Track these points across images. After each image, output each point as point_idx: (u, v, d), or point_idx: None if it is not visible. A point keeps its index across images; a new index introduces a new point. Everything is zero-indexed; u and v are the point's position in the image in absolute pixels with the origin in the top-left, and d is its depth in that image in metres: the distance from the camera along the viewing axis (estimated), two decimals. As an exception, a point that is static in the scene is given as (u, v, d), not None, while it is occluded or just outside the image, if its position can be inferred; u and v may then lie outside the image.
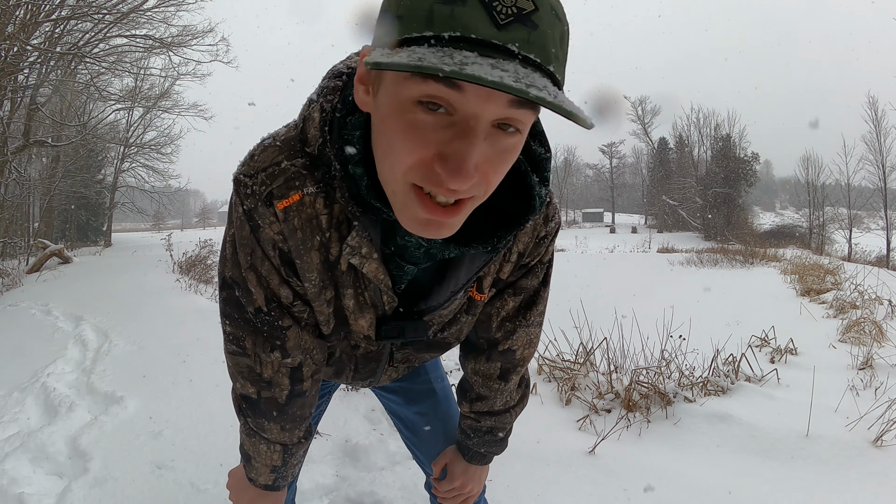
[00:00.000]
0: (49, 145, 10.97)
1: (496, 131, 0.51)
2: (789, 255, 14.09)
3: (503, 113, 0.49)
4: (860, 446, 2.07)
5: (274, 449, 0.87)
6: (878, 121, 27.03)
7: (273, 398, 0.81)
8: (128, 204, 23.89)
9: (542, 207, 0.68)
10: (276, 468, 0.89)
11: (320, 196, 0.65)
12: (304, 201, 0.65)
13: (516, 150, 0.54)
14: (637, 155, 53.12)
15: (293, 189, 0.65)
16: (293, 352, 0.78)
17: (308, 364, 0.80)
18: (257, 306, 0.74)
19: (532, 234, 0.76)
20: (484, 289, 0.79)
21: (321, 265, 0.70)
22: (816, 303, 6.90)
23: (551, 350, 3.10)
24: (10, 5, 7.43)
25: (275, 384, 0.80)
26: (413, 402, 1.11)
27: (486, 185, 0.55)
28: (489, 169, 0.53)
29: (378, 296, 0.74)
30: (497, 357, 0.89)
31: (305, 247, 0.68)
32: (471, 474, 1.03)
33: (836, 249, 26.24)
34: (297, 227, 0.66)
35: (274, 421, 0.84)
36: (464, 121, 0.49)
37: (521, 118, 0.51)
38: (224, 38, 12.53)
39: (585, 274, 9.12)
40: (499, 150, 0.52)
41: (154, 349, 3.57)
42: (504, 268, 0.78)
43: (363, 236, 0.65)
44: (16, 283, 7.88)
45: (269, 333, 0.75)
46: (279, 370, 0.79)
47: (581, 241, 23.39)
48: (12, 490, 1.82)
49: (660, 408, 2.47)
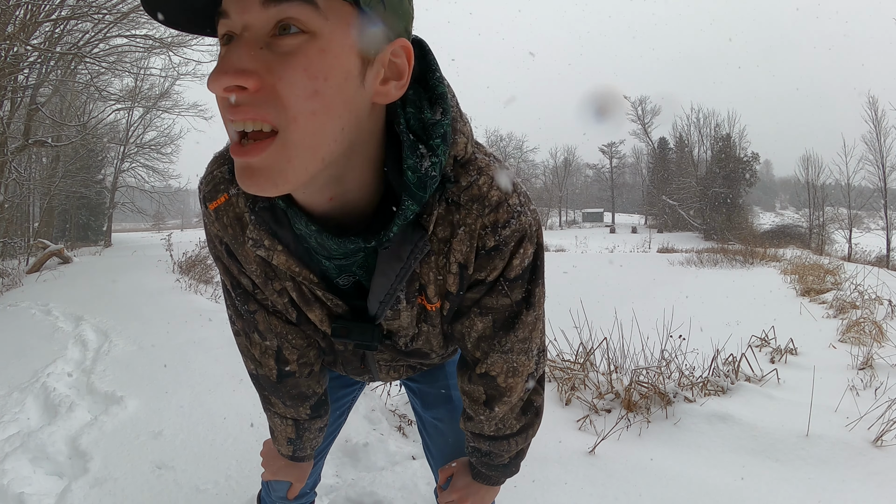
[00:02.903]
0: (49, 145, 10.95)
1: (277, 38, 0.49)
2: (789, 255, 14.09)
3: (268, 16, 0.48)
4: (860, 446, 2.07)
5: (286, 423, 0.93)
6: (878, 121, 27.05)
7: (266, 376, 0.87)
8: (128, 204, 23.89)
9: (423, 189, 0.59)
10: (291, 440, 0.95)
11: (241, 196, 0.69)
12: (230, 202, 0.70)
13: (305, 54, 0.49)
14: (637, 155, 53.12)
15: (219, 192, 0.71)
16: (267, 334, 0.82)
17: (287, 348, 0.84)
18: (231, 292, 0.82)
19: (470, 244, 0.65)
20: (431, 298, 0.71)
21: (259, 258, 0.73)
22: (816, 303, 6.90)
23: (551, 350, 3.09)
24: (10, 5, 7.43)
25: (264, 364, 0.86)
26: (430, 407, 1.10)
27: (283, 103, 0.49)
28: (275, 80, 0.48)
29: (311, 292, 0.73)
30: (477, 380, 0.80)
31: (237, 242, 0.72)
32: (473, 491, 0.97)
33: (836, 249, 26.23)
34: (227, 225, 0.72)
35: (275, 395, 0.90)
36: (236, 38, 0.50)
37: (297, 15, 0.48)
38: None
39: (585, 274, 9.12)
40: (280, 55, 0.48)
41: (154, 349, 3.57)
42: (448, 279, 0.69)
43: (260, 229, 0.66)
44: (16, 283, 7.88)
45: (246, 317, 0.82)
46: (265, 352, 0.85)
47: (581, 241, 23.40)
48: (12, 490, 1.82)
49: (660, 408, 2.47)
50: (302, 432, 0.94)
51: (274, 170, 0.51)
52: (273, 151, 0.50)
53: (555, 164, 55.83)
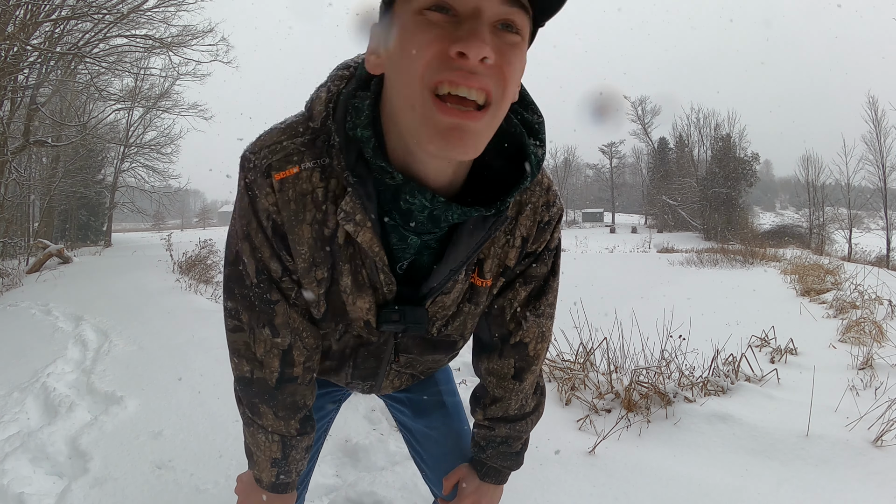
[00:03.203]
0: (49, 145, 10.96)
1: (500, 31, 0.58)
2: (789, 255, 14.08)
3: (500, 10, 0.57)
4: (860, 446, 2.07)
5: (272, 439, 0.86)
6: (878, 121, 27.07)
7: (264, 379, 0.82)
8: (128, 204, 23.88)
9: (538, 169, 0.70)
10: (276, 461, 0.88)
11: (317, 171, 0.69)
12: (300, 175, 0.69)
13: (522, 54, 0.60)
14: (637, 155, 53.16)
15: (291, 163, 0.69)
16: (282, 330, 0.78)
17: (298, 348, 0.81)
18: (250, 280, 0.76)
19: (534, 219, 0.78)
20: (485, 273, 0.80)
21: (313, 241, 0.72)
22: (816, 303, 6.90)
23: (551, 350, 3.10)
24: (10, 5, 7.43)
25: (265, 365, 0.81)
26: (421, 415, 1.07)
27: (504, 83, 0.59)
28: (502, 62, 0.58)
29: (375, 274, 0.74)
30: (510, 353, 0.88)
31: (297, 219, 0.71)
32: (483, 492, 0.97)
33: (836, 249, 26.24)
34: (290, 199, 0.70)
35: (266, 404, 0.83)
36: (468, 16, 0.56)
37: (517, 20, 0.58)
38: (224, 38, 12.50)
39: (585, 274, 9.12)
40: (508, 44, 0.58)
41: (154, 349, 3.57)
42: (510, 254, 0.79)
43: (356, 203, 0.67)
44: (16, 283, 7.88)
45: (261, 308, 0.77)
46: (270, 350, 0.80)
47: (581, 241, 23.38)
48: (12, 490, 1.82)
49: (660, 408, 2.47)
50: (288, 451, 0.87)
51: (482, 136, 0.60)
52: (486, 120, 0.59)
53: (555, 164, 55.82)
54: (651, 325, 3.12)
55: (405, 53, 0.57)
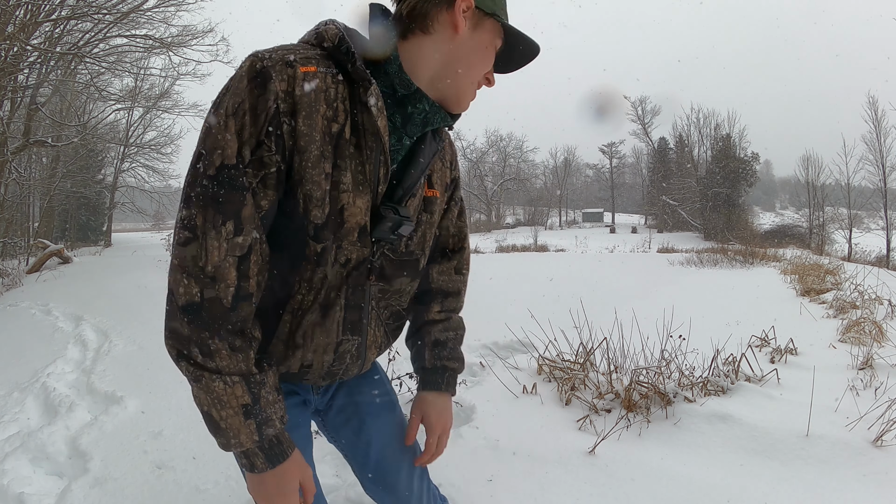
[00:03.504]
0: (49, 145, 10.95)
1: None
2: (789, 255, 14.07)
3: None
4: (860, 446, 2.07)
5: (233, 384, 0.75)
6: (878, 121, 27.04)
7: (217, 299, 0.73)
8: (128, 204, 23.89)
9: None
10: (247, 408, 0.76)
11: (329, 75, 0.78)
12: (318, 74, 0.77)
13: None
14: (637, 155, 53.13)
15: (312, 63, 0.77)
16: (247, 225, 0.73)
17: (257, 252, 0.75)
18: (223, 161, 0.71)
19: (452, 150, 1.06)
20: (434, 184, 0.99)
21: (321, 134, 0.77)
22: (816, 303, 6.89)
23: (551, 350, 3.10)
24: (10, 5, 7.43)
25: (219, 278, 0.73)
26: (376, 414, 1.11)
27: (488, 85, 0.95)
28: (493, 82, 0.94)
29: (376, 169, 0.83)
30: (454, 256, 1.13)
31: (314, 108, 0.76)
32: (442, 409, 1.09)
33: (836, 249, 26.21)
34: (309, 91, 0.76)
35: (219, 335, 0.74)
36: None
37: None
38: (224, 38, 12.49)
39: (585, 274, 9.12)
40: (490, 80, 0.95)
41: (154, 349, 3.57)
42: (445, 173, 1.02)
43: (379, 94, 0.80)
44: (16, 283, 7.88)
45: (226, 198, 0.72)
46: (226, 258, 0.73)
47: (581, 242, 23.39)
48: (12, 490, 1.82)
49: (660, 408, 2.47)
50: (257, 390, 0.77)
51: None
52: None
53: (555, 164, 55.86)
54: (651, 325, 3.12)
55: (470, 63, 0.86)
